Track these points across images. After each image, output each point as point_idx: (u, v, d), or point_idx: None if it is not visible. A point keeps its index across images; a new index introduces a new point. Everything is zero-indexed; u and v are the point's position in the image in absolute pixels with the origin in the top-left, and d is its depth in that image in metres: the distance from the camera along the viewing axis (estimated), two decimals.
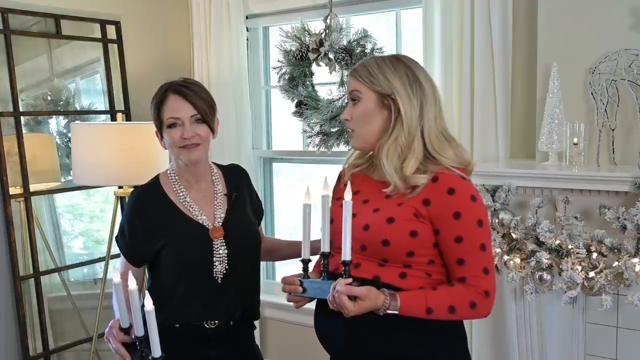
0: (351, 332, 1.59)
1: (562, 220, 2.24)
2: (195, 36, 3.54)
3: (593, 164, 2.36)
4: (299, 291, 1.63)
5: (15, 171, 3.01)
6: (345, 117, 1.69)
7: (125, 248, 1.99)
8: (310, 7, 3.30)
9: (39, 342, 3.08)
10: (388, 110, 1.62)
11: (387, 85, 1.61)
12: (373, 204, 1.63)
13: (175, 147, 1.91)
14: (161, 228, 1.93)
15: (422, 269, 1.59)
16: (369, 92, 1.63)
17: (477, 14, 2.65)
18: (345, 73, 3.06)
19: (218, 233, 1.93)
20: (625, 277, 2.12)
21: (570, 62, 2.42)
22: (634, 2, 2.31)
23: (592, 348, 2.39)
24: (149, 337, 1.49)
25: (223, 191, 2.00)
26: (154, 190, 1.99)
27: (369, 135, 1.66)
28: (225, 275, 1.91)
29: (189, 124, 1.89)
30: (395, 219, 1.57)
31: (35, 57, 3.21)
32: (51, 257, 3.20)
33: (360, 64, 1.69)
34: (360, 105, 1.65)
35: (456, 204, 1.56)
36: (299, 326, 3.40)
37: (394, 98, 1.60)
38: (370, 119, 1.64)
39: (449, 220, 1.55)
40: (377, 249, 1.57)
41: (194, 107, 1.90)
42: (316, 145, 3.16)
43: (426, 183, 1.57)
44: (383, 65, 1.63)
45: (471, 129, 2.72)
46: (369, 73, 1.64)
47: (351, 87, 1.68)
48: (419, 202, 1.57)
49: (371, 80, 1.63)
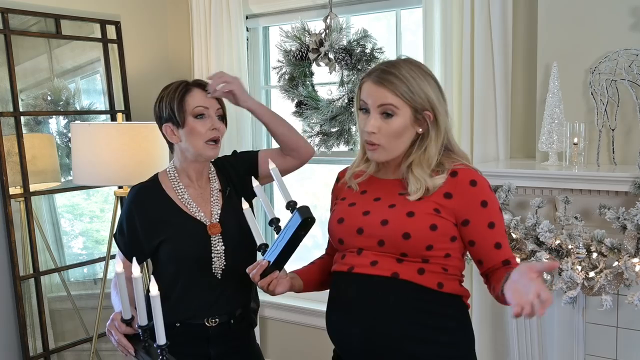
0: (371, 331, 1.58)
1: (562, 220, 2.24)
2: (195, 36, 3.54)
3: (593, 164, 2.36)
4: (264, 264, 1.64)
5: (15, 171, 3.01)
6: (371, 130, 1.57)
7: (123, 245, 1.99)
8: (310, 7, 3.30)
9: (39, 342, 3.08)
10: (418, 124, 1.60)
11: (426, 100, 1.57)
12: (387, 200, 1.63)
13: (201, 139, 1.91)
14: (160, 224, 1.94)
15: (439, 263, 1.59)
16: (406, 108, 1.56)
17: (477, 14, 2.65)
18: (345, 73, 3.07)
19: (215, 229, 1.93)
20: (625, 277, 2.12)
21: (570, 62, 2.42)
22: (634, 2, 2.31)
23: (592, 348, 2.39)
24: (153, 326, 1.48)
25: (218, 187, 2.01)
26: (152, 187, 2.00)
27: (398, 150, 1.61)
28: (225, 271, 1.92)
29: (216, 119, 1.94)
30: (415, 212, 1.57)
31: (35, 57, 3.21)
32: (51, 257, 3.20)
33: (388, 73, 1.57)
34: (396, 120, 1.57)
35: (481, 194, 1.59)
36: (299, 326, 3.40)
37: (429, 113, 1.58)
38: (402, 135, 1.59)
39: (478, 209, 1.58)
40: (397, 242, 1.57)
41: (218, 101, 1.95)
42: (316, 145, 3.16)
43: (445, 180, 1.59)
44: (417, 79, 1.57)
45: (471, 129, 2.72)
46: (407, 87, 1.55)
47: (383, 99, 1.56)
48: (440, 197, 1.58)
49: (411, 96, 1.56)
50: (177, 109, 1.90)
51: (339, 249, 1.68)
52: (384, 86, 1.56)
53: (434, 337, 1.58)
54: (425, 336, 1.57)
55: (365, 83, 1.60)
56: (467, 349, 1.67)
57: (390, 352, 1.57)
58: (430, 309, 1.57)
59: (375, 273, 1.57)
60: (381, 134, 1.58)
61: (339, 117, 3.06)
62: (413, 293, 1.56)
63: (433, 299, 1.58)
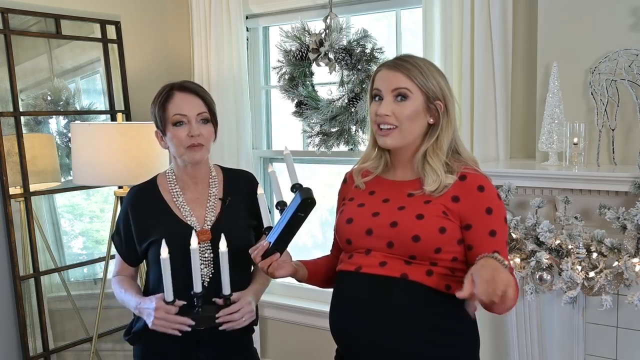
0: (379, 331, 1.57)
1: (562, 220, 2.24)
2: (195, 36, 3.54)
3: (593, 164, 2.36)
4: (265, 246, 1.65)
5: (15, 171, 3.01)
6: (385, 113, 1.60)
7: (120, 246, 2.00)
8: (310, 7, 3.30)
9: (39, 342, 3.08)
10: (430, 114, 1.62)
11: (439, 89, 1.61)
12: (396, 202, 1.63)
13: (182, 146, 1.89)
14: (151, 226, 1.93)
15: (447, 266, 1.59)
16: (419, 93, 1.60)
17: (477, 14, 2.65)
18: (345, 73, 3.06)
19: (204, 236, 1.90)
20: (625, 277, 2.12)
21: (570, 62, 2.42)
22: (634, 2, 2.31)
23: (592, 348, 2.39)
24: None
25: (218, 195, 1.97)
26: (149, 189, 1.99)
27: (411, 134, 1.62)
28: (212, 279, 1.89)
29: (194, 122, 1.88)
30: (424, 215, 1.57)
31: (35, 57, 3.21)
32: (51, 257, 3.20)
33: (404, 60, 1.62)
34: (409, 104, 1.60)
35: (488, 200, 1.59)
36: (299, 326, 3.40)
37: (440, 102, 1.61)
38: (416, 119, 1.61)
39: (482, 215, 1.58)
40: (406, 245, 1.57)
41: (203, 101, 1.90)
42: (316, 145, 3.16)
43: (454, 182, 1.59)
44: (431, 69, 1.62)
45: (471, 129, 2.72)
46: (421, 74, 1.59)
47: (398, 82, 1.60)
48: (447, 200, 1.58)
49: (424, 82, 1.60)
50: (159, 117, 1.91)
51: (346, 249, 1.68)
52: (399, 70, 1.60)
53: (441, 339, 1.58)
54: (432, 337, 1.57)
55: (380, 71, 1.65)
56: (473, 350, 1.67)
57: (396, 352, 1.57)
58: (438, 311, 1.58)
59: (385, 273, 1.58)
60: (395, 117, 1.60)
61: (339, 117, 3.06)
62: (422, 294, 1.57)
63: (441, 300, 1.58)
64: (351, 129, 3.08)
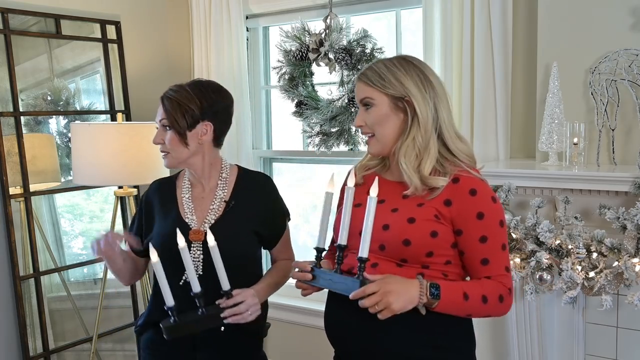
0: (368, 331, 1.57)
1: (562, 220, 2.24)
2: (195, 36, 3.54)
3: (593, 164, 2.36)
4: (308, 278, 1.60)
5: (15, 171, 3.01)
6: (358, 124, 1.67)
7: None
8: (310, 7, 3.30)
9: (39, 342, 3.08)
10: (403, 112, 1.62)
11: (400, 87, 1.60)
12: (390, 204, 1.63)
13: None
14: (154, 220, 1.97)
15: (440, 269, 1.59)
16: (382, 97, 1.62)
17: (477, 14, 2.65)
18: (345, 73, 3.07)
19: (197, 235, 1.89)
20: (625, 277, 2.12)
21: (570, 62, 2.42)
22: (634, 2, 2.31)
23: (592, 348, 2.39)
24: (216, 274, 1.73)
25: (224, 197, 1.97)
26: (166, 183, 2.05)
27: (386, 138, 1.64)
28: (200, 279, 1.78)
29: (160, 129, 1.93)
30: (416, 219, 1.57)
31: (35, 57, 3.21)
32: (51, 257, 3.20)
33: (368, 69, 1.65)
34: (374, 110, 1.63)
35: (479, 205, 1.57)
36: (300, 326, 3.40)
37: (408, 100, 1.60)
38: (386, 123, 1.63)
39: (473, 221, 1.56)
40: (397, 248, 1.57)
41: (163, 107, 1.91)
42: (316, 145, 3.16)
43: (446, 184, 1.58)
44: (393, 68, 1.62)
45: (471, 129, 2.72)
46: (379, 77, 1.61)
47: (362, 93, 1.65)
48: (440, 203, 1.58)
49: (383, 85, 1.61)
50: None
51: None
52: (361, 80, 1.66)
53: (433, 341, 1.58)
54: (424, 340, 1.57)
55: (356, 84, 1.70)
56: (467, 351, 1.67)
57: (389, 353, 1.57)
58: (430, 313, 1.56)
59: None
60: (368, 126, 1.66)
61: (339, 117, 3.06)
62: None
63: None
64: (351, 129, 3.08)
